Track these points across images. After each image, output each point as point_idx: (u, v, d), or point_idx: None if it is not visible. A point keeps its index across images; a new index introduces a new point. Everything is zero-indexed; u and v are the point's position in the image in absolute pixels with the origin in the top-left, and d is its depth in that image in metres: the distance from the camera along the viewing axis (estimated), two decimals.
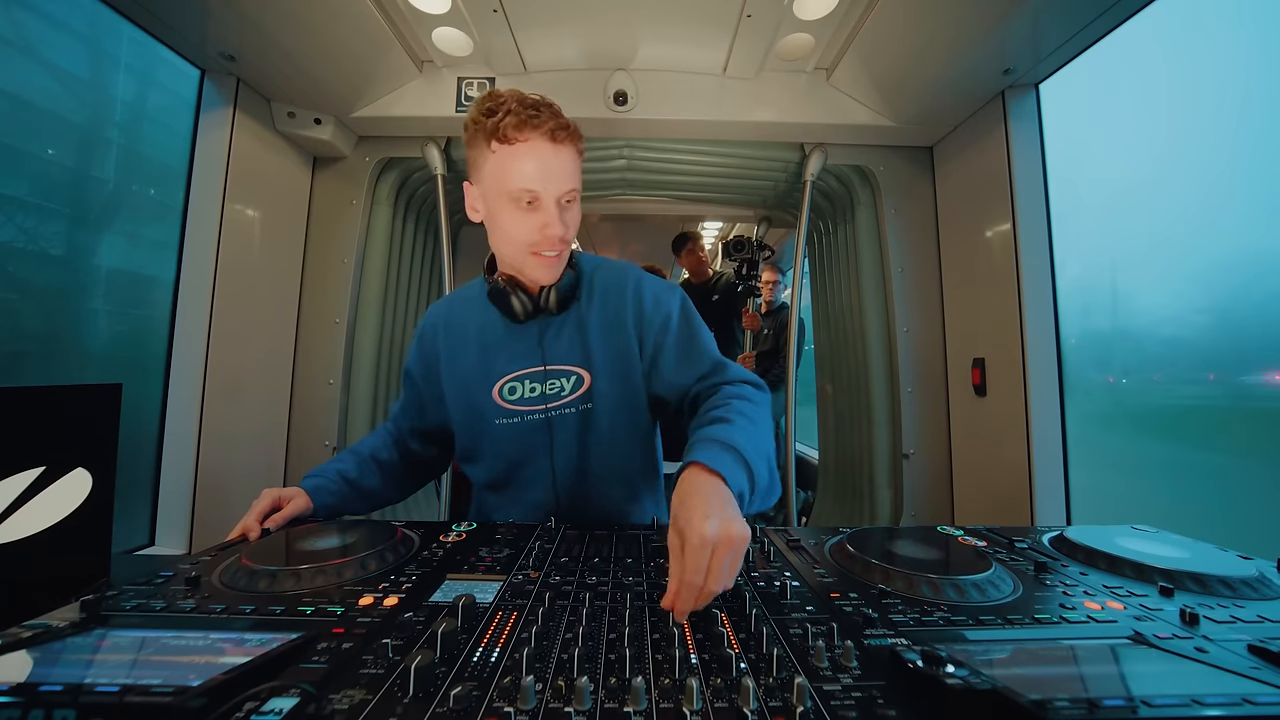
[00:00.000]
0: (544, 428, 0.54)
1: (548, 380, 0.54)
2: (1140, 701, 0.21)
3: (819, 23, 0.93)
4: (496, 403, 0.55)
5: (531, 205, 0.47)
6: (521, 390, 0.54)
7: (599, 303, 0.55)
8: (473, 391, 0.55)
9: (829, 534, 0.51)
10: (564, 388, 0.54)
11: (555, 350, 0.54)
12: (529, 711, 0.24)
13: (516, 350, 0.55)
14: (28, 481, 0.37)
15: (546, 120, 0.47)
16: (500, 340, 0.55)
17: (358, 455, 0.61)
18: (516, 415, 0.55)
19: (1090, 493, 0.90)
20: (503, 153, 0.47)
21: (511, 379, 0.54)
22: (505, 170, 0.47)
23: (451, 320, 0.58)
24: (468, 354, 0.56)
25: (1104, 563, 0.44)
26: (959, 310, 1.15)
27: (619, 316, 0.54)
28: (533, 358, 0.54)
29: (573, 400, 0.54)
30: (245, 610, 0.35)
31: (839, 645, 0.30)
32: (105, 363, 1.17)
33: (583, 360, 0.54)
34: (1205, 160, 1.07)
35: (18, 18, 0.99)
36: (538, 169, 0.46)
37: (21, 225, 0.99)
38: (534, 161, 0.46)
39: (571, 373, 0.54)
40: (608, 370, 0.54)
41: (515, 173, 0.46)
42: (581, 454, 0.55)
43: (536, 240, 0.48)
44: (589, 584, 0.40)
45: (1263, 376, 0.95)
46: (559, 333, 0.55)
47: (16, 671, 0.25)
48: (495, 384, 0.55)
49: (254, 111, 1.02)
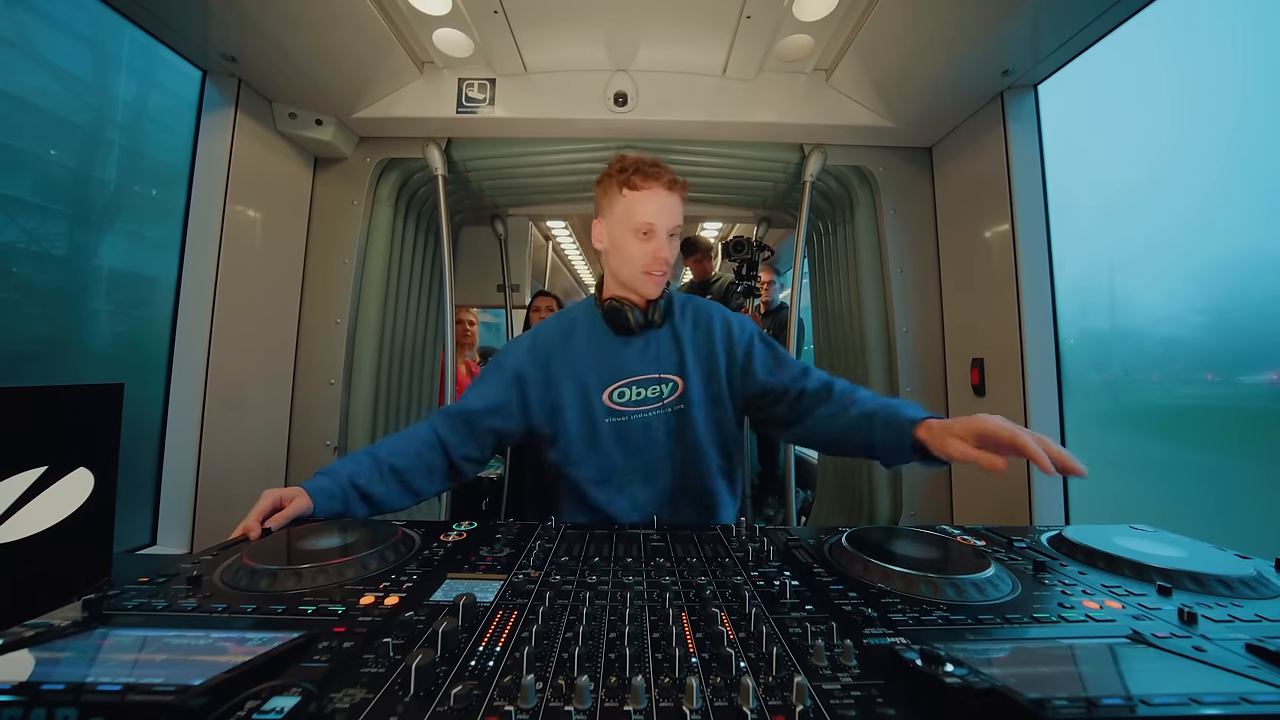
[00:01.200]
0: (644, 427, 0.66)
1: (650, 386, 0.66)
2: (1138, 700, 0.21)
3: (818, 24, 0.94)
4: (607, 404, 0.65)
5: (648, 235, 0.63)
6: (630, 394, 0.66)
7: (690, 322, 0.69)
8: (588, 394, 0.66)
9: (828, 533, 0.51)
10: (662, 392, 0.66)
11: (657, 360, 0.67)
12: (529, 710, 0.24)
13: (625, 358, 0.67)
14: (30, 481, 0.37)
15: (664, 174, 0.63)
16: (612, 351, 0.67)
17: (375, 459, 0.61)
18: (624, 416, 0.66)
19: (1088, 492, 0.90)
20: (631, 197, 0.63)
21: (622, 384, 0.66)
22: (632, 209, 0.63)
23: (564, 332, 0.69)
24: (583, 361, 0.66)
25: (1102, 562, 0.45)
26: (958, 310, 1.15)
27: (709, 334, 0.68)
28: (642, 366, 0.67)
29: (670, 402, 0.66)
30: (246, 609, 0.35)
31: (838, 644, 0.30)
32: (107, 363, 1.17)
33: (677, 369, 0.67)
34: (1204, 161, 1.07)
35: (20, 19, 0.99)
36: (655, 209, 0.62)
37: (24, 226, 0.99)
38: (653, 204, 0.62)
39: (669, 380, 0.67)
40: (698, 375, 0.67)
41: (639, 211, 0.63)
42: (678, 447, 0.67)
43: (649, 262, 0.63)
44: (589, 583, 0.40)
45: (1260, 376, 0.95)
46: (660, 345, 0.68)
47: (19, 670, 0.25)
48: (607, 389, 0.66)
49: (255, 112, 1.02)
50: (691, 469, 0.67)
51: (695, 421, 0.66)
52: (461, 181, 1.29)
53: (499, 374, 0.67)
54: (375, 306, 1.21)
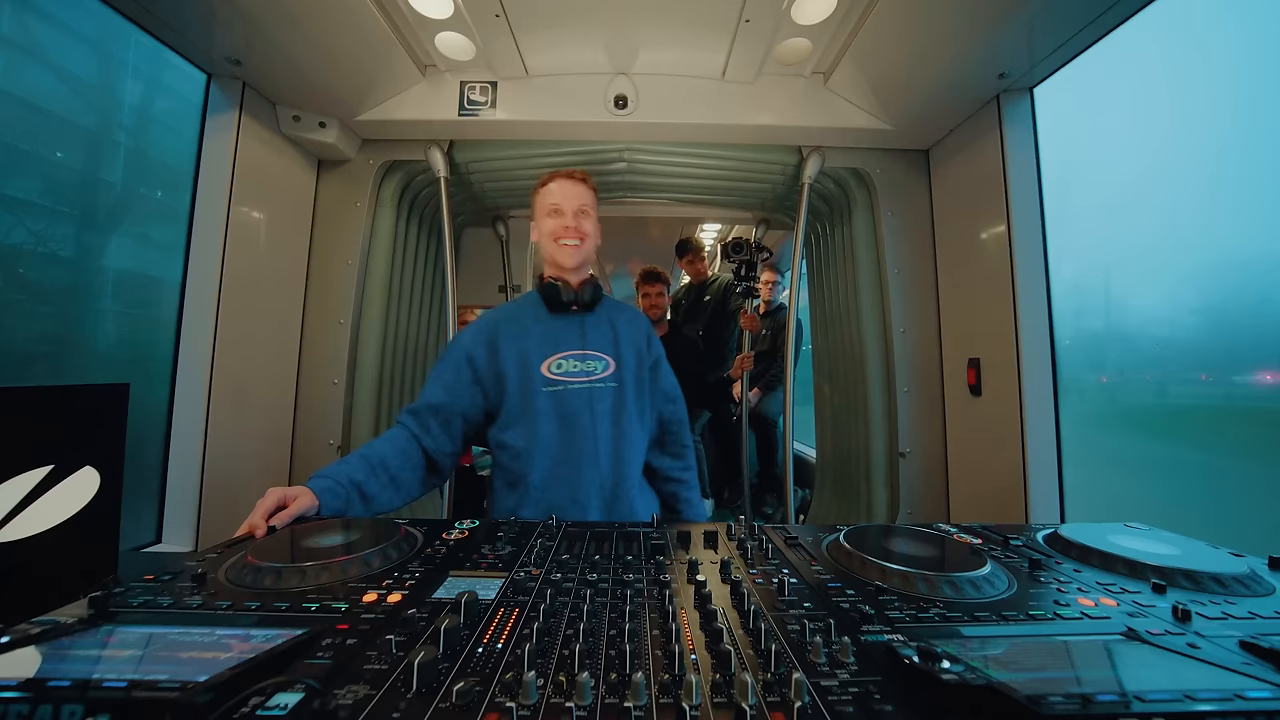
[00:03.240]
0: (578, 397, 0.71)
1: (587, 360, 0.72)
2: (1133, 696, 0.22)
3: (816, 28, 0.95)
4: (545, 374, 0.71)
5: (557, 213, 0.73)
6: (566, 366, 0.72)
7: (625, 319, 0.78)
8: (528, 364, 0.71)
9: (826, 531, 0.52)
10: (597, 368, 0.73)
11: (593, 339, 0.74)
12: (530, 706, 0.24)
13: (563, 334, 0.73)
14: (37, 480, 0.37)
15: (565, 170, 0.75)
16: (551, 327, 0.74)
17: (367, 461, 0.64)
18: (560, 385, 0.71)
19: (1084, 491, 0.91)
20: (543, 191, 0.75)
21: (559, 357, 0.72)
22: (544, 198, 0.74)
23: (508, 315, 0.76)
24: (524, 335, 0.73)
25: (1097, 560, 0.45)
26: (954, 311, 1.16)
27: (639, 332, 0.78)
28: (579, 343, 0.73)
29: (605, 378, 0.73)
30: (251, 607, 0.35)
31: (836, 641, 0.30)
32: (113, 362, 1.18)
33: (612, 350, 0.75)
34: (1198, 163, 1.08)
35: (29, 24, 1.00)
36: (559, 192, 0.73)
37: (32, 228, 1.00)
38: (557, 189, 0.73)
39: (603, 358, 0.74)
40: (630, 362, 0.75)
41: (548, 196, 0.74)
42: (614, 423, 0.72)
43: (559, 231, 0.72)
44: (590, 581, 0.40)
45: (1253, 376, 0.96)
46: (596, 326, 0.75)
47: (26, 667, 0.25)
48: (546, 360, 0.71)
49: (259, 115, 1.03)
50: (624, 449, 0.72)
51: (628, 403, 0.73)
52: (463, 183, 1.30)
53: (450, 361, 0.72)
54: (378, 307, 1.22)
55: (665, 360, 0.81)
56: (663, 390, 0.79)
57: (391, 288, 1.25)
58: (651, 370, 0.77)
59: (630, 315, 0.79)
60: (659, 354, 0.79)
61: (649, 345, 0.78)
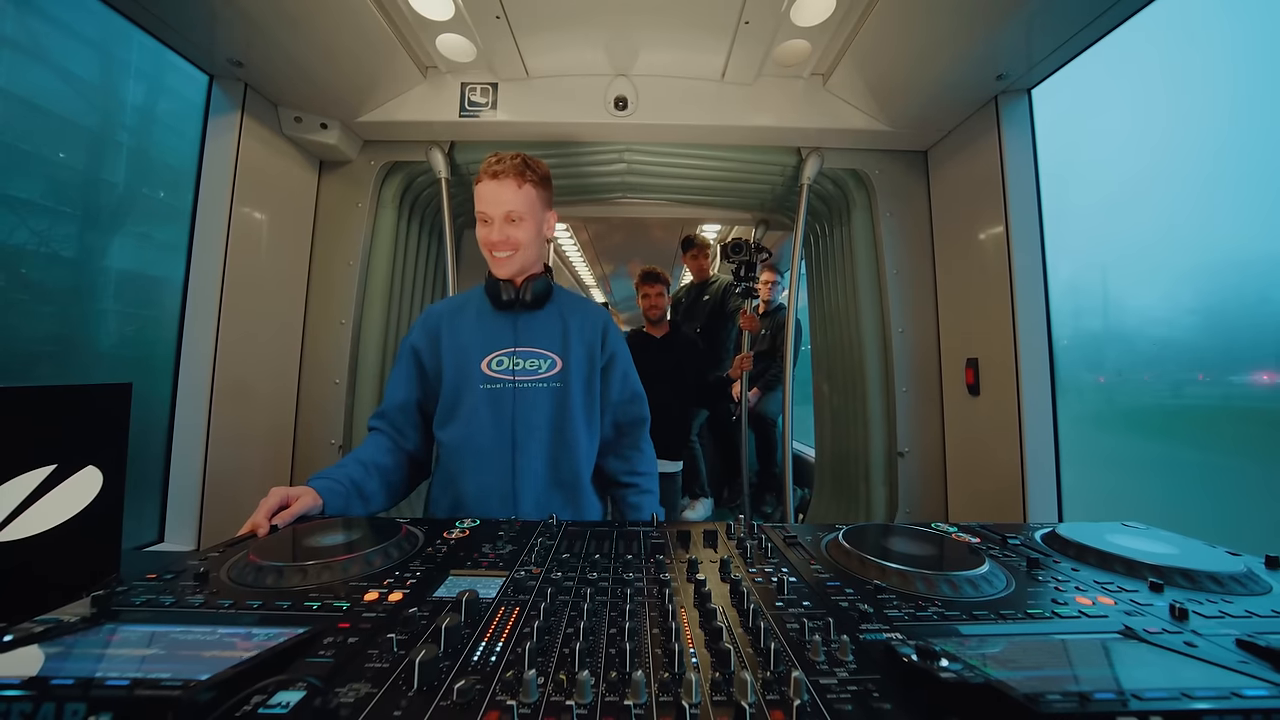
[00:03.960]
0: (517, 396, 0.68)
1: (530, 359, 0.69)
2: (1130, 695, 0.22)
3: (815, 29, 0.95)
4: (484, 372, 0.68)
5: (486, 222, 0.69)
6: (507, 364, 0.69)
7: (580, 315, 0.74)
8: (467, 359, 0.69)
9: (825, 530, 0.52)
10: (541, 366, 0.69)
11: (534, 337, 0.70)
12: (531, 705, 0.24)
13: (504, 331, 0.70)
14: (39, 479, 0.37)
15: (492, 166, 0.68)
16: (495, 324, 0.71)
17: (361, 462, 0.64)
18: (498, 383, 0.68)
19: (1081, 490, 0.91)
20: (475, 191, 0.70)
21: (501, 354, 0.69)
22: (476, 202, 0.69)
23: (453, 309, 0.73)
24: (466, 330, 0.70)
25: (1095, 559, 0.45)
26: (953, 311, 1.16)
27: (593, 329, 0.73)
28: (522, 340, 0.70)
29: (549, 377, 0.69)
30: (253, 605, 0.35)
31: (835, 640, 0.30)
32: (115, 362, 1.18)
33: (559, 348, 0.70)
34: (1196, 163, 1.09)
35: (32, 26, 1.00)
36: (485, 198, 0.68)
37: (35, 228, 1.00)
38: (484, 194, 0.68)
39: (549, 356, 0.70)
40: (580, 361, 0.71)
41: (478, 202, 0.69)
42: (554, 424, 0.69)
43: (487, 243, 0.69)
44: (590, 580, 0.40)
45: (1250, 376, 0.96)
46: (543, 323, 0.71)
47: (29, 665, 0.25)
48: (486, 357, 0.69)
49: (261, 116, 1.03)
50: (563, 451, 0.68)
51: (573, 403, 0.69)
52: (464, 184, 1.30)
53: (401, 356, 0.71)
54: (379, 307, 1.22)
55: (625, 358, 0.74)
56: (618, 389, 0.73)
57: (393, 288, 1.25)
58: (605, 369, 0.72)
59: (585, 311, 0.73)
60: (615, 350, 0.73)
61: (603, 342, 0.72)
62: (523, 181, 0.68)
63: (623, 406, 0.74)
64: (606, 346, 0.73)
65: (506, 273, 0.69)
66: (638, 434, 0.76)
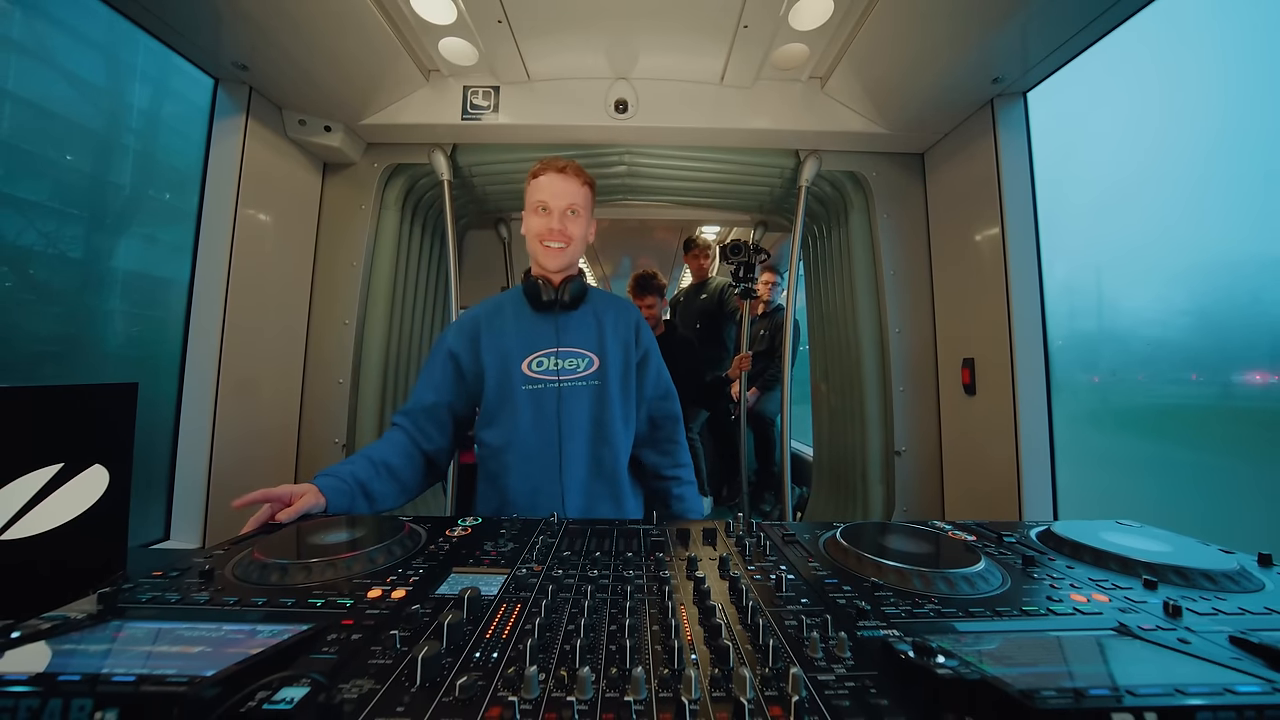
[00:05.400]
0: (559, 396, 0.70)
1: (568, 359, 0.71)
2: (1125, 691, 0.22)
3: (813, 33, 0.96)
4: (525, 373, 0.70)
5: (545, 211, 0.71)
6: (548, 364, 0.71)
7: (613, 312, 0.76)
8: (508, 361, 0.71)
9: (823, 528, 0.52)
10: (579, 365, 0.71)
11: (573, 337, 0.72)
12: (532, 701, 0.25)
13: (543, 332, 0.72)
14: (47, 478, 0.38)
15: (557, 162, 0.72)
16: (533, 325, 0.73)
17: (371, 461, 0.64)
18: (540, 384, 0.70)
19: (1076, 488, 0.92)
20: (532, 184, 0.73)
21: (540, 355, 0.71)
22: (532, 192, 0.72)
23: (489, 312, 0.75)
24: (505, 333, 0.72)
25: (1090, 556, 0.45)
26: (949, 312, 1.17)
27: (627, 326, 0.76)
28: (561, 340, 0.72)
29: (587, 376, 0.71)
30: (257, 602, 0.35)
31: (833, 636, 0.31)
32: (122, 362, 1.19)
33: (596, 347, 0.73)
34: (1189, 164, 1.10)
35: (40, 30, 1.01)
36: (548, 189, 0.71)
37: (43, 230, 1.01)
38: (546, 185, 0.71)
39: (586, 355, 0.72)
40: (616, 358, 0.73)
41: (536, 192, 0.72)
42: (594, 421, 0.71)
43: (544, 232, 0.71)
44: (590, 577, 0.40)
45: (1243, 376, 0.97)
46: (580, 323, 0.73)
47: (36, 662, 0.25)
48: (526, 358, 0.70)
49: (266, 119, 1.04)
50: (604, 448, 0.70)
51: (611, 400, 0.71)
52: (466, 186, 1.31)
53: (435, 359, 0.72)
54: (382, 308, 1.23)
55: (657, 354, 0.77)
56: (652, 385, 0.75)
57: (395, 289, 1.26)
58: (640, 365, 0.74)
59: (619, 308, 0.76)
60: (649, 347, 0.75)
61: (637, 339, 0.75)
62: (584, 182, 0.72)
63: (657, 402, 0.77)
64: (640, 343, 0.75)
65: (556, 264, 0.71)
66: (673, 428, 0.78)
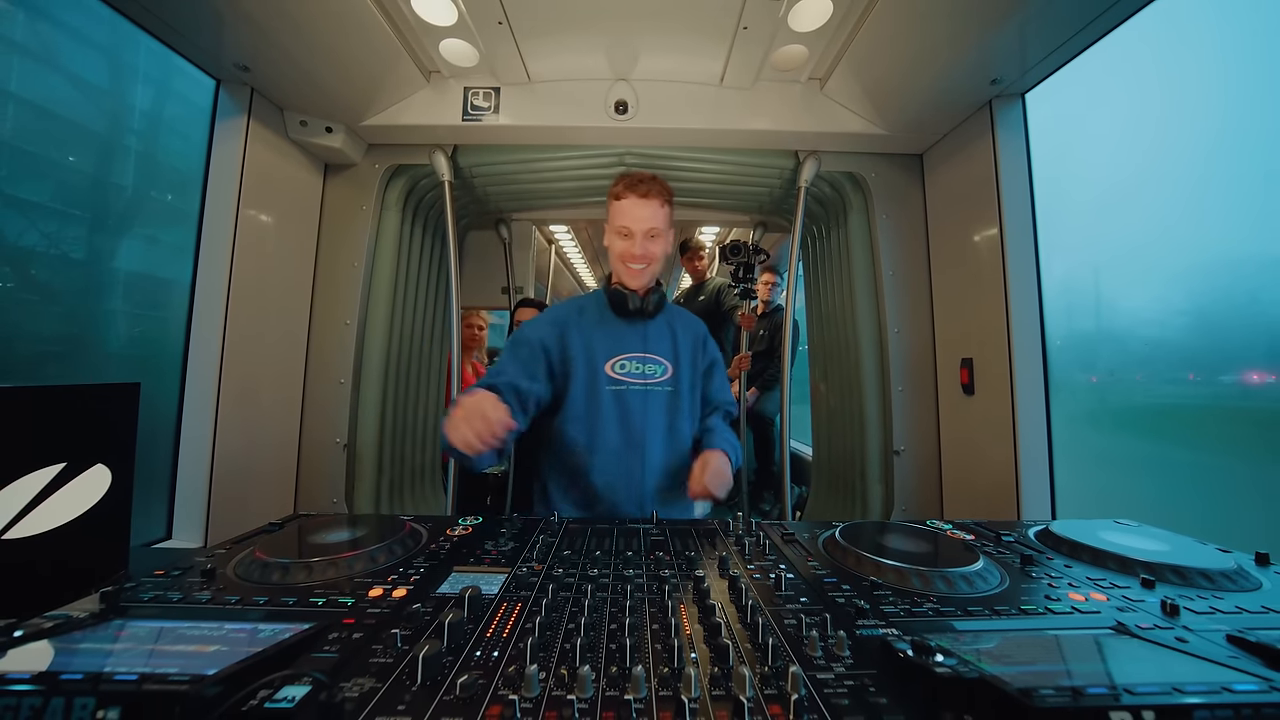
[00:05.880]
0: (640, 398, 0.75)
1: (649, 364, 0.76)
2: (1123, 689, 0.22)
3: (812, 35, 0.96)
4: (609, 374, 0.74)
5: (626, 235, 0.74)
6: (630, 367, 0.75)
7: (682, 323, 0.82)
8: (594, 361, 0.74)
9: (822, 528, 0.53)
10: (657, 371, 0.77)
11: (653, 344, 0.77)
12: (533, 699, 0.25)
13: (627, 337, 0.77)
14: (49, 477, 0.38)
15: (640, 186, 0.73)
16: (616, 330, 0.77)
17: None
18: (623, 385, 0.75)
19: (1074, 488, 0.92)
20: (615, 206, 0.75)
21: (623, 358, 0.75)
22: (615, 215, 0.75)
23: (575, 311, 0.78)
24: (591, 334, 0.76)
25: (1088, 555, 0.46)
26: (948, 312, 1.17)
27: (694, 337, 0.82)
28: (641, 346, 0.77)
29: (663, 381, 0.77)
30: (259, 601, 0.35)
31: (832, 635, 0.31)
32: (124, 362, 1.19)
33: (671, 355, 0.78)
34: (1187, 165, 1.10)
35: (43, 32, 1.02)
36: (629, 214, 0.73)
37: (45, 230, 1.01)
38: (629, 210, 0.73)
39: (663, 362, 0.77)
40: (686, 366, 0.78)
41: (618, 216, 0.74)
42: (669, 424, 0.76)
43: (625, 255, 0.74)
44: (590, 576, 0.41)
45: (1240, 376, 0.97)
46: (658, 331, 0.79)
47: (39, 660, 0.26)
48: (610, 360, 0.75)
49: (267, 120, 1.05)
50: (675, 448, 0.76)
51: (682, 404, 0.77)
52: (467, 187, 1.31)
53: (527, 347, 0.74)
54: (383, 308, 1.23)
55: (722, 365, 0.84)
56: (716, 391, 0.81)
57: (396, 289, 1.26)
58: (705, 375, 0.81)
59: (687, 321, 0.82)
60: (714, 358, 0.82)
61: (704, 350, 0.81)
62: (664, 201, 0.74)
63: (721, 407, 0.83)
64: (707, 354, 0.82)
65: (638, 284, 0.75)
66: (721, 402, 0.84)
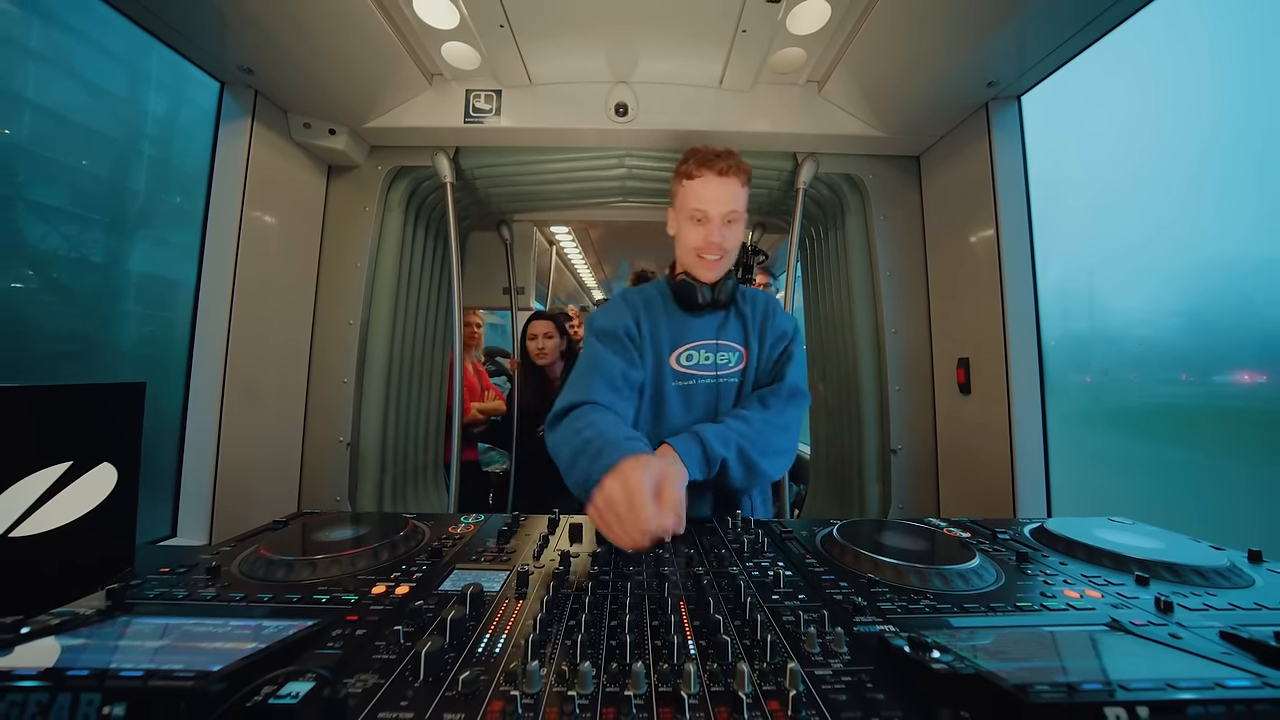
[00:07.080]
0: (710, 391, 0.69)
1: (720, 353, 0.70)
2: (1117, 685, 0.22)
3: (811, 37, 0.97)
4: (674, 368, 0.69)
5: (701, 221, 0.65)
6: (697, 358, 0.69)
7: (750, 305, 0.74)
8: (661, 354, 0.70)
9: (820, 526, 0.53)
10: (730, 360, 0.70)
11: (727, 331, 0.71)
12: (534, 695, 0.25)
13: (696, 327, 0.70)
14: (55, 475, 0.38)
15: (718, 162, 0.65)
16: (682, 322, 0.71)
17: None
18: (690, 379, 0.69)
19: (1070, 486, 0.92)
20: (688, 186, 0.66)
21: (689, 348, 0.69)
22: (687, 197, 0.66)
23: (644, 300, 0.73)
24: (659, 325, 0.70)
25: (1083, 553, 0.46)
26: (945, 312, 1.18)
27: (766, 318, 0.73)
28: (710, 333, 0.70)
29: (737, 371, 0.71)
30: (263, 598, 0.36)
31: (830, 632, 0.31)
32: (133, 361, 1.20)
33: (743, 341, 0.72)
34: (1181, 166, 1.11)
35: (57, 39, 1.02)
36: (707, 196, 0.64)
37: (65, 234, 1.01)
38: (705, 191, 0.64)
39: (736, 349, 0.71)
40: (756, 351, 0.71)
41: (692, 198, 0.65)
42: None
43: (701, 245, 0.66)
44: (591, 573, 0.41)
45: (1233, 376, 0.98)
46: (728, 319, 0.72)
47: (45, 657, 0.26)
48: (674, 352, 0.69)
49: (271, 122, 1.05)
50: None
51: (748, 392, 0.70)
52: (469, 189, 1.31)
53: (609, 338, 0.68)
54: (386, 308, 1.24)
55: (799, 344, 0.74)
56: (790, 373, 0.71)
57: (399, 290, 1.27)
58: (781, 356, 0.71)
59: (755, 302, 0.74)
60: (782, 331, 0.72)
61: (777, 331, 0.72)
62: (745, 181, 0.65)
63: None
64: (780, 335, 0.73)
65: (711, 277, 0.68)
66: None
